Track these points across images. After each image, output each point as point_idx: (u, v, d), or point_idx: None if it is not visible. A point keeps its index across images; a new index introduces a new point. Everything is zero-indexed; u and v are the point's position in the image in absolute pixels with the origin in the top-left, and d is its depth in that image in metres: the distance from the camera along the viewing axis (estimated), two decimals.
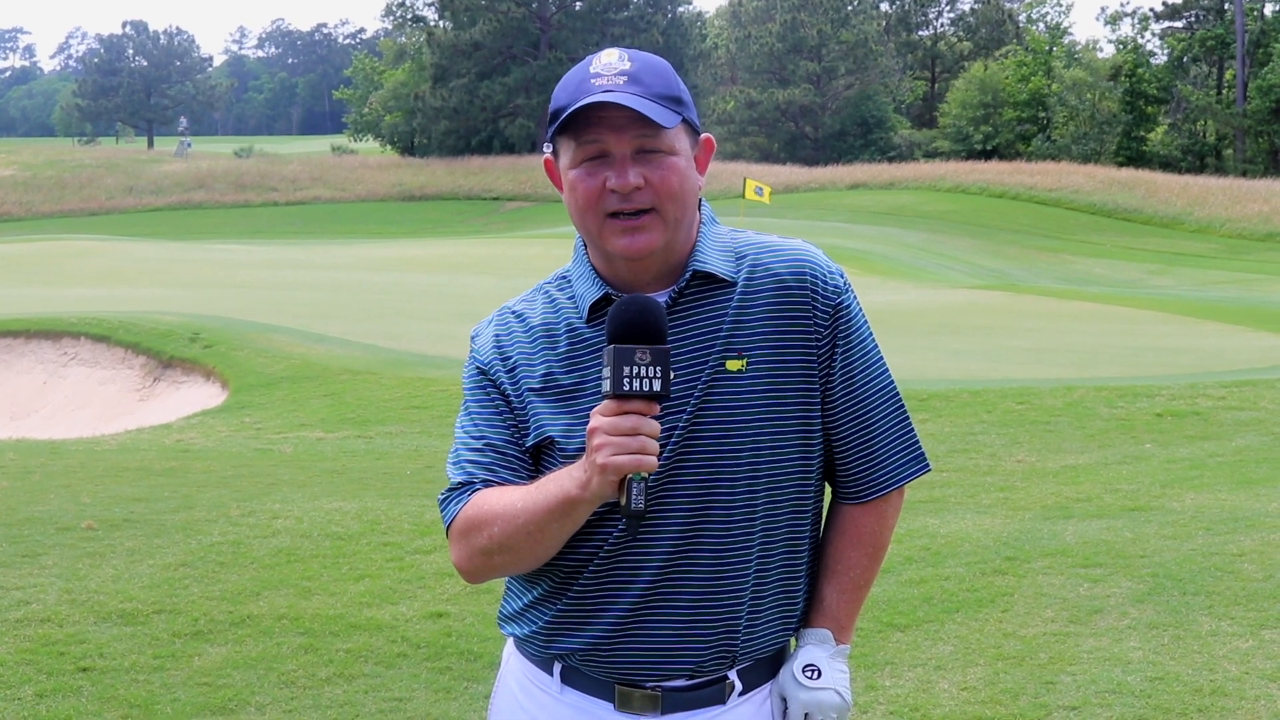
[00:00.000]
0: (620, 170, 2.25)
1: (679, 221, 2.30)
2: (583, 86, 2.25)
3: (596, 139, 2.25)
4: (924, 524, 7.96)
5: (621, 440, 2.10)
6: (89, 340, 18.59)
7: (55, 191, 65.21)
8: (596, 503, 2.19)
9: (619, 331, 2.14)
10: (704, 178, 2.37)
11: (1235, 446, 10.61)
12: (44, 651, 5.83)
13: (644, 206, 2.26)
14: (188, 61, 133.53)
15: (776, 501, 2.34)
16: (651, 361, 2.10)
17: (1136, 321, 22.45)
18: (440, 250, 39.29)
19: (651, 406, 2.12)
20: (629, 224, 2.26)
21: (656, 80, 2.27)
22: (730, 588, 2.32)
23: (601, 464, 2.11)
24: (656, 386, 2.10)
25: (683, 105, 2.29)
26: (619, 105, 2.22)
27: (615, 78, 2.25)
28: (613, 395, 2.11)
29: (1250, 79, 70.57)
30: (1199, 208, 51.08)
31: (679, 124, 2.28)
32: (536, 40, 75.26)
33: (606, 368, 2.12)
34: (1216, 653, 5.73)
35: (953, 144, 74.54)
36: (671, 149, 2.27)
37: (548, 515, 2.22)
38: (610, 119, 2.24)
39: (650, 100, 2.24)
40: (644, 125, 2.24)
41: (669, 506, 2.29)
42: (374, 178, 67.93)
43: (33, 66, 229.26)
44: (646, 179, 2.25)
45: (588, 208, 2.29)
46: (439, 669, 5.73)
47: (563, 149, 2.32)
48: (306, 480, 9.83)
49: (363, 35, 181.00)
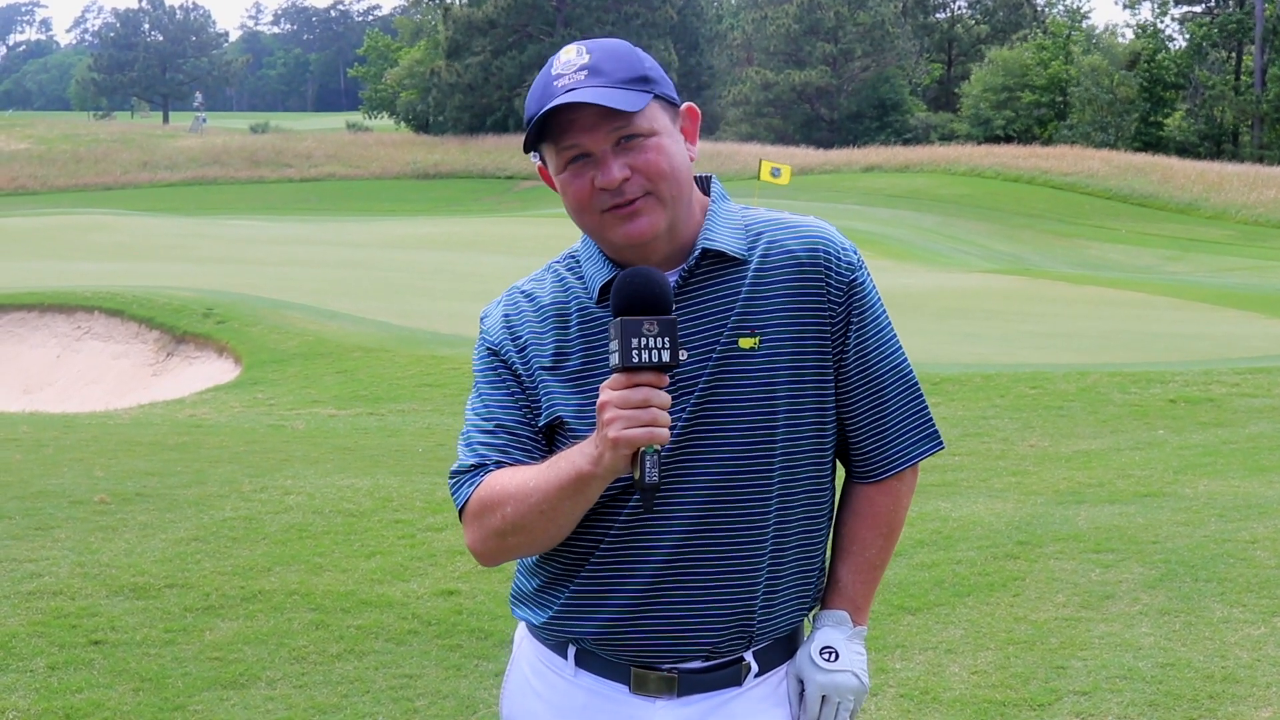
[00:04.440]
0: (604, 168, 2.23)
1: (677, 198, 2.28)
2: (547, 91, 2.23)
3: (573, 143, 2.24)
4: (936, 507, 7.95)
5: (632, 413, 2.08)
6: (103, 315, 18.64)
7: (70, 166, 65.30)
8: (610, 478, 2.17)
9: (624, 304, 2.12)
10: (695, 148, 2.34)
11: (1249, 433, 10.58)
12: (56, 624, 5.85)
13: (637, 194, 2.24)
14: (203, 37, 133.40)
15: (791, 480, 2.32)
16: (659, 332, 2.08)
17: (1151, 307, 22.39)
18: (454, 228, 39.31)
19: (661, 378, 2.10)
20: (625, 210, 2.25)
21: (618, 66, 2.24)
22: (746, 567, 2.31)
23: (613, 438, 2.09)
24: (665, 357, 2.08)
25: (651, 83, 2.26)
26: (584, 103, 2.19)
27: (575, 75, 2.23)
28: (621, 368, 2.09)
29: (1269, 65, 70.21)
30: (1215, 194, 50.87)
31: (651, 102, 2.25)
32: (552, 18, 75.13)
33: (614, 341, 2.10)
34: (1228, 639, 5.71)
35: (972, 127, 74.23)
36: (650, 130, 2.24)
37: (560, 493, 2.20)
38: (580, 119, 2.22)
39: (613, 88, 2.21)
40: (615, 117, 2.22)
41: (681, 486, 2.27)
42: (389, 155, 67.93)
43: (49, 40, 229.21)
44: (633, 167, 2.23)
45: (583, 209, 2.28)
46: (449, 646, 5.73)
47: (547, 155, 2.31)
48: (319, 457, 9.84)
49: (378, 12, 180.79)
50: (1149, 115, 71.88)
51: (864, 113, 79.14)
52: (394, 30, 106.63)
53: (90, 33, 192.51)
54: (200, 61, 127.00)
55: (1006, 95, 74.63)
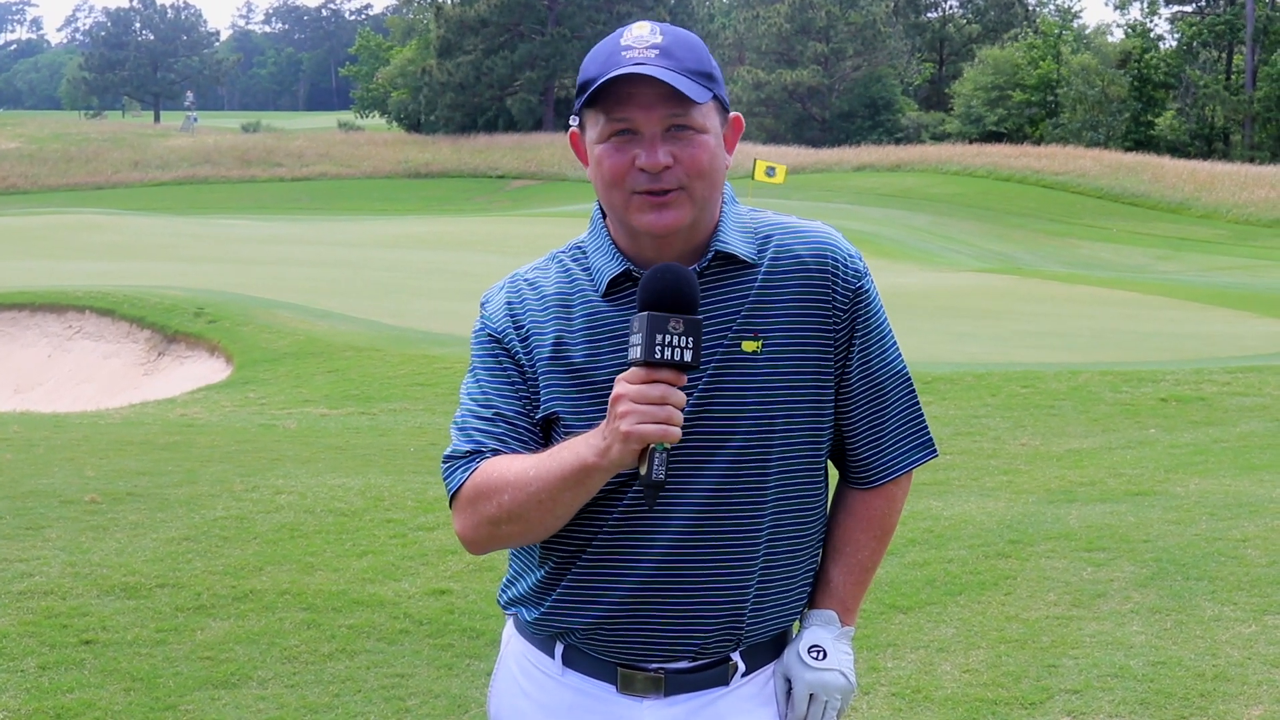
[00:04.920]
0: (650, 149, 2.20)
1: (707, 200, 2.27)
2: (613, 58, 2.20)
3: (626, 116, 2.21)
4: (927, 506, 7.95)
5: (649, 409, 2.07)
6: (94, 314, 18.61)
7: (61, 165, 65.21)
8: (613, 471, 2.15)
9: (653, 299, 2.10)
10: (731, 157, 2.32)
11: (1239, 432, 10.60)
12: (46, 624, 5.84)
13: (672, 185, 2.22)
14: (194, 36, 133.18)
15: (786, 483, 2.32)
16: (685, 332, 2.07)
17: (1142, 306, 22.42)
18: (445, 228, 39.24)
19: (680, 377, 2.09)
20: (657, 200, 2.22)
21: (688, 55, 2.22)
22: (739, 569, 2.30)
23: (625, 431, 2.07)
24: (688, 357, 2.07)
25: (714, 81, 2.25)
26: (650, 79, 2.17)
27: (646, 50, 2.20)
28: (643, 362, 2.07)
29: (1260, 65, 70.31)
30: (1206, 193, 50.95)
31: (710, 100, 2.23)
32: (544, 16, 75.09)
33: (637, 334, 2.08)
34: (1219, 638, 5.72)
35: (963, 125, 74.26)
36: (702, 126, 2.23)
37: (561, 483, 2.18)
38: (640, 96, 2.19)
39: (682, 75, 2.19)
40: (674, 103, 2.19)
41: (677, 486, 2.26)
42: (380, 154, 67.89)
43: (39, 39, 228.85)
44: (676, 157, 2.21)
45: (614, 184, 2.24)
46: (441, 646, 5.73)
47: (590, 122, 2.27)
48: (310, 456, 9.83)
49: (370, 11, 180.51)
50: (1140, 115, 71.95)
51: (856, 112, 79.16)
52: (385, 29, 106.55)
53: (81, 32, 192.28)
54: (191, 61, 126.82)
55: (997, 94, 74.69)
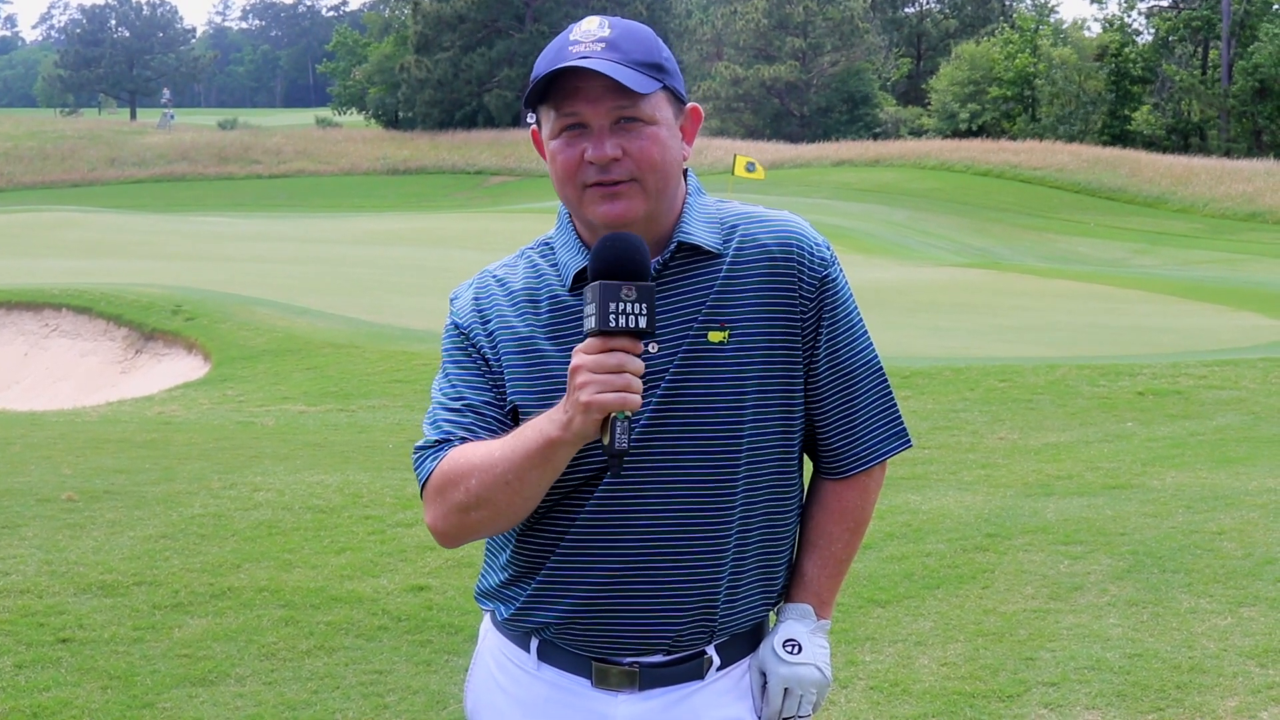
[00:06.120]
0: (597, 142, 2.22)
1: (660, 192, 2.27)
2: (560, 54, 2.22)
3: (574, 111, 2.22)
4: (905, 500, 7.97)
5: (606, 378, 2.06)
6: (70, 312, 18.52)
7: (37, 162, 64.88)
8: (578, 444, 2.15)
9: (604, 268, 2.10)
10: (690, 148, 2.33)
11: (1216, 425, 10.65)
12: (23, 623, 5.81)
13: (623, 177, 2.23)
14: (170, 33, 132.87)
15: (756, 474, 2.32)
16: (637, 298, 2.07)
17: (1119, 300, 22.49)
18: (424, 224, 39.18)
19: (636, 344, 2.09)
20: (608, 190, 2.23)
21: (636, 47, 2.23)
22: (709, 561, 2.30)
23: (585, 401, 2.07)
24: (642, 323, 2.07)
25: (664, 72, 2.25)
26: (594, 73, 2.18)
27: (593, 44, 2.21)
28: (597, 332, 2.07)
29: (1235, 59, 70.57)
30: (1183, 187, 51.14)
31: (659, 91, 2.24)
32: (521, 12, 75.03)
33: (590, 305, 2.08)
34: (1195, 630, 5.75)
35: (939, 121, 74.40)
36: (652, 118, 2.23)
37: (527, 461, 2.17)
38: (586, 90, 2.20)
39: (627, 67, 2.20)
40: (621, 95, 2.20)
41: (645, 476, 2.26)
42: (358, 151, 67.71)
43: (14, 37, 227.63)
44: (625, 149, 2.22)
45: (567, 178, 2.26)
46: (419, 642, 5.73)
47: (543, 118, 2.29)
48: (288, 453, 9.81)
49: (346, 8, 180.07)
50: (1116, 109, 72.16)
51: (834, 107, 79.23)
52: (363, 26, 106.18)
53: (56, 29, 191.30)
54: (168, 58, 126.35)
55: (973, 89, 74.81)
